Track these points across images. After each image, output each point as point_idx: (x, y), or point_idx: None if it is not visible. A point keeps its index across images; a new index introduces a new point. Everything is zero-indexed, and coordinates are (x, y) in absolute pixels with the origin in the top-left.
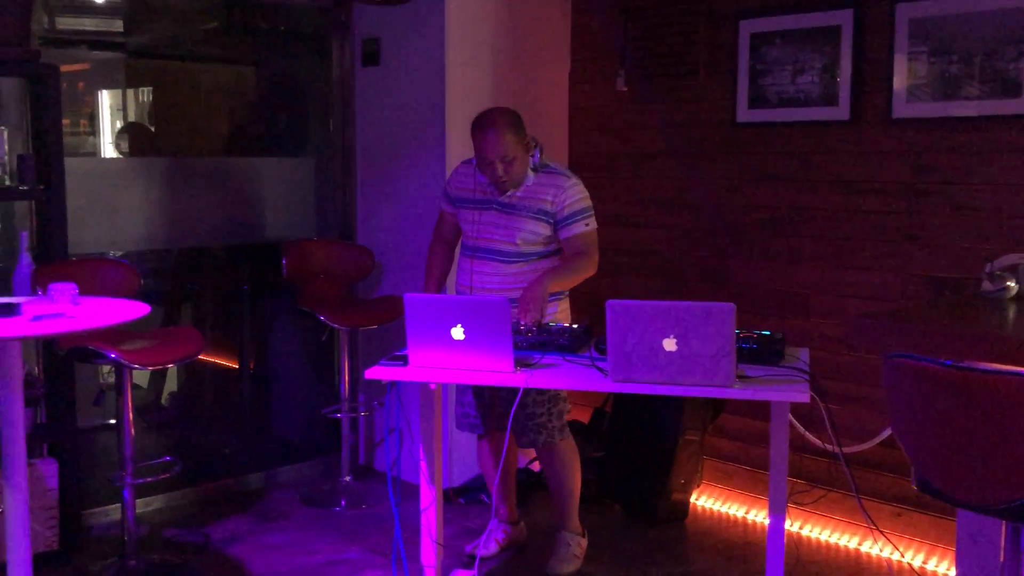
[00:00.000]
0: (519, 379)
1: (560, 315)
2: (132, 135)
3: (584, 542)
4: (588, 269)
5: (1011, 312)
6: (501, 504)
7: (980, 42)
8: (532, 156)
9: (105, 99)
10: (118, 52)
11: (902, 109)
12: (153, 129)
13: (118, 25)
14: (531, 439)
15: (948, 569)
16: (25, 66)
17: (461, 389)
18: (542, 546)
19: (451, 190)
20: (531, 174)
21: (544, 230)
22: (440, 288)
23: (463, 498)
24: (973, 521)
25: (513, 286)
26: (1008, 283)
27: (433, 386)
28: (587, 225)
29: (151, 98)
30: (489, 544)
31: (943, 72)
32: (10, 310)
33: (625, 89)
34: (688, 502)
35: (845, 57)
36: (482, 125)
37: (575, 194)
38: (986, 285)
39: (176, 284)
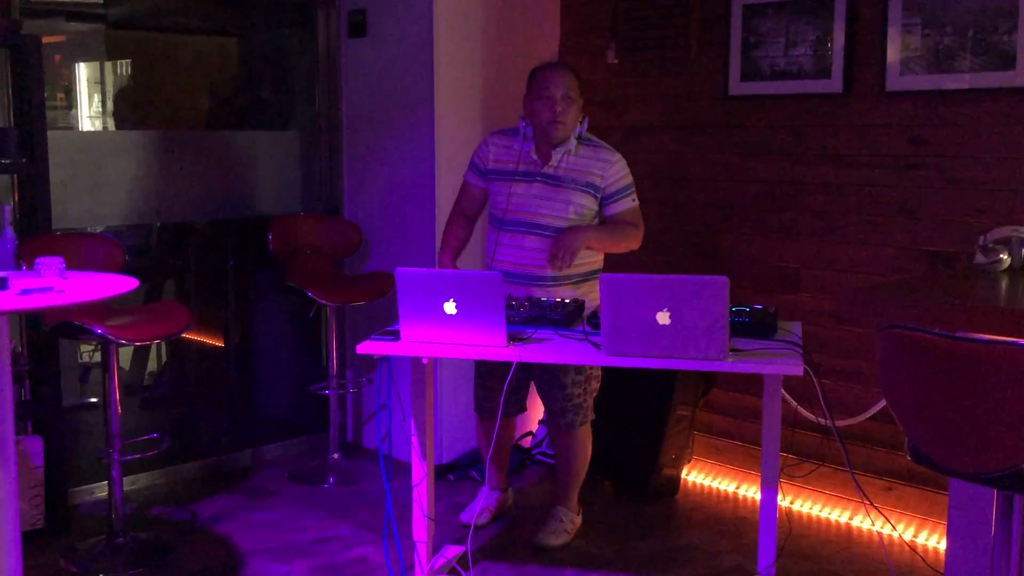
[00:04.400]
0: (512, 353)
1: (585, 296)
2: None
3: (578, 520)
4: (633, 240)
5: (1003, 284)
6: (495, 472)
7: (973, 14)
8: (581, 125)
9: (83, 71)
10: (97, 23)
11: (895, 82)
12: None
13: None
14: (569, 420)
15: (939, 542)
16: (7, 37)
17: (483, 374)
18: (531, 521)
19: (483, 162)
20: (575, 144)
21: (593, 204)
22: (455, 261)
23: (452, 474)
24: (965, 492)
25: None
26: (1001, 255)
27: (425, 361)
28: (634, 200)
29: (131, 70)
30: (484, 514)
31: (936, 45)
32: None
33: (615, 61)
34: (679, 477)
35: (838, 29)
36: (545, 64)
37: (622, 169)
38: (979, 258)
39: (160, 260)
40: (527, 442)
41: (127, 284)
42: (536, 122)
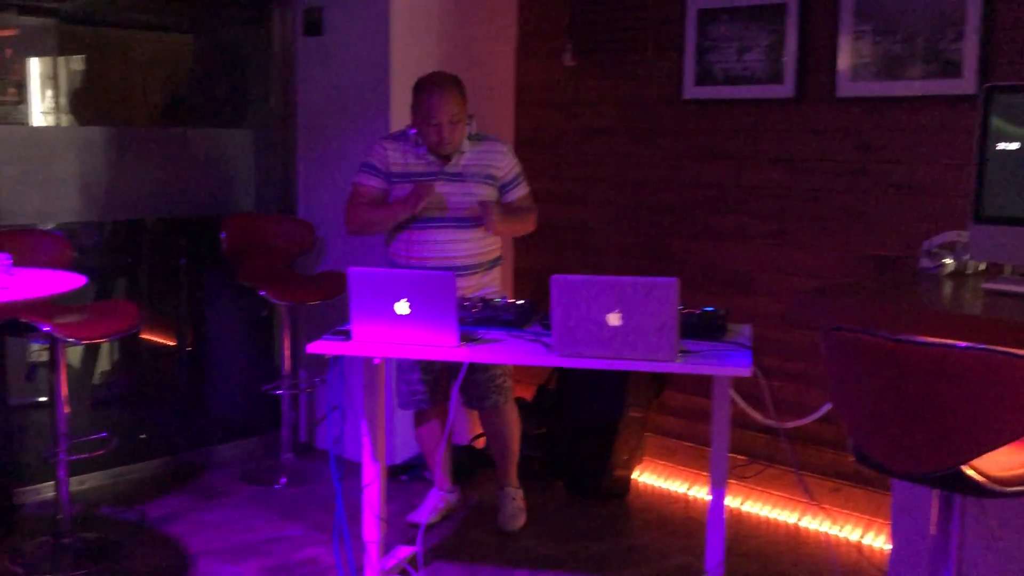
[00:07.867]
0: (463, 353)
1: (493, 282)
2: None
3: (522, 494)
4: (531, 222)
5: (947, 288)
6: (441, 472)
7: (923, 23)
8: (469, 125)
9: (35, 66)
10: (50, 18)
11: (846, 88)
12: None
13: None
14: (494, 400)
15: (885, 543)
16: None
17: (404, 368)
18: (480, 519)
19: (384, 165)
20: (467, 143)
21: (493, 194)
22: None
23: (406, 475)
24: (908, 493)
25: (468, 252)
26: (945, 260)
27: (377, 361)
28: (527, 186)
29: (84, 66)
30: (433, 514)
31: (887, 52)
32: None
33: (572, 64)
34: (630, 478)
35: (791, 35)
36: (429, 86)
37: (512, 158)
38: (924, 262)
39: (111, 258)
40: (481, 443)
41: (75, 281)
42: (426, 140)
